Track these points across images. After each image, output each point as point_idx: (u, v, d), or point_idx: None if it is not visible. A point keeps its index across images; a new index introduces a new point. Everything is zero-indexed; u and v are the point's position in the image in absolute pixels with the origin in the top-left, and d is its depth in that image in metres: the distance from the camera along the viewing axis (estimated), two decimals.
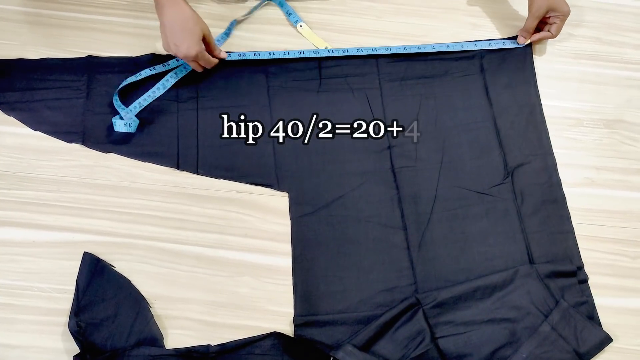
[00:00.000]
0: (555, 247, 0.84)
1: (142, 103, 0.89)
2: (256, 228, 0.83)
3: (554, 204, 0.87)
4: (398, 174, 0.88)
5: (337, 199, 0.86)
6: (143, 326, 0.75)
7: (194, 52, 0.86)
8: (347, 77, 0.95)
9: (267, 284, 0.80)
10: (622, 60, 1.00)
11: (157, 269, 0.80)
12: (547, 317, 0.77)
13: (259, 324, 0.78)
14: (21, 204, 0.83)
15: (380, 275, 0.81)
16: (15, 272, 0.78)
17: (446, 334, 0.77)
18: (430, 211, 0.86)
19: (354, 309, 0.79)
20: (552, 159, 0.91)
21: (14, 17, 0.96)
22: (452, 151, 0.90)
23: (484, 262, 0.83)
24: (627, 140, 0.93)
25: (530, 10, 0.95)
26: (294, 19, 0.99)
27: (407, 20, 1.02)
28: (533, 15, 0.95)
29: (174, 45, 0.85)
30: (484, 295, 0.79)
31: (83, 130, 0.88)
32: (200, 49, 0.87)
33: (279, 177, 0.87)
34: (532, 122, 0.93)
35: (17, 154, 0.86)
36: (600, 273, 0.83)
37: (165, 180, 0.86)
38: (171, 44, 0.85)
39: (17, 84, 0.90)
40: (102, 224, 0.82)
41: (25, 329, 0.75)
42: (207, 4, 1.01)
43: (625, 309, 0.81)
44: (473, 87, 0.96)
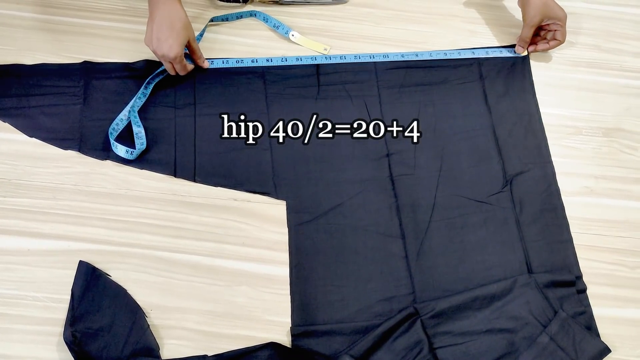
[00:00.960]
0: (554, 256, 0.84)
1: (138, 136, 0.87)
2: (253, 236, 0.83)
3: (553, 213, 0.87)
4: (396, 181, 0.88)
5: (335, 207, 0.85)
6: (139, 336, 0.75)
7: (174, 53, 0.85)
8: (346, 84, 0.94)
9: (265, 293, 0.80)
10: (621, 68, 1.00)
11: (154, 278, 0.79)
12: (545, 328, 0.77)
13: (256, 334, 0.77)
14: (16, 212, 0.82)
15: (379, 284, 0.81)
16: (9, 281, 0.77)
17: (444, 344, 0.76)
18: (428, 220, 0.85)
19: (352, 318, 0.79)
20: (551, 168, 0.90)
21: (10, 22, 0.96)
22: (451, 159, 0.90)
23: (482, 271, 0.82)
24: (625, 149, 0.93)
25: (525, 19, 0.95)
26: (284, 31, 0.98)
27: (406, 26, 1.01)
28: (528, 25, 0.95)
29: (157, 40, 0.84)
30: (482, 305, 0.79)
31: (79, 137, 0.87)
32: (179, 53, 0.86)
33: (277, 185, 0.87)
34: (531, 130, 0.93)
35: (12, 160, 0.85)
36: (598, 283, 0.83)
37: (161, 188, 0.85)
38: (154, 38, 0.85)
39: (12, 90, 0.90)
40: (97, 232, 0.81)
41: (20, 338, 0.74)
42: (203, 7, 1.00)
43: (624, 320, 0.81)
44: (472, 95, 0.95)
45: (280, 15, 1.00)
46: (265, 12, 1.01)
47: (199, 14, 1.00)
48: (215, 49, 0.97)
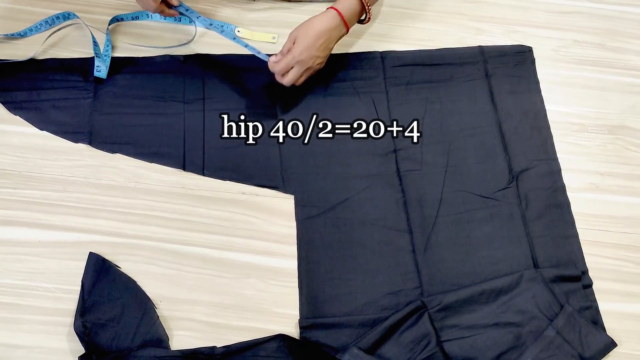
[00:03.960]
0: (560, 251, 0.84)
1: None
2: (262, 230, 0.84)
3: (559, 209, 0.88)
4: (404, 177, 0.88)
5: (343, 201, 0.86)
6: (148, 327, 0.75)
7: None
8: (354, 81, 0.95)
9: (273, 286, 0.80)
10: (625, 66, 1.01)
11: (163, 270, 0.80)
12: (552, 322, 0.77)
13: (264, 326, 0.77)
14: (27, 204, 0.82)
15: (386, 278, 0.82)
16: (20, 272, 0.78)
17: (451, 337, 0.77)
18: (435, 215, 0.86)
19: (359, 311, 0.79)
20: (557, 164, 0.91)
21: (21, 16, 0.96)
22: (457, 155, 0.91)
23: (488, 265, 0.83)
24: (630, 147, 0.94)
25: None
26: (230, 29, 0.97)
27: (413, 24, 1.02)
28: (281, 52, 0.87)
29: None
30: (489, 299, 0.79)
31: (90, 130, 0.88)
32: None
33: (285, 179, 0.87)
34: (537, 127, 0.94)
35: (23, 153, 0.86)
36: (604, 278, 0.83)
37: (171, 181, 0.86)
38: None
39: (23, 84, 0.90)
40: (107, 225, 0.82)
41: (31, 329, 0.75)
42: (214, 3, 1.01)
43: (630, 315, 0.81)
44: (478, 92, 0.96)
45: (288, 12, 1.01)
46: (275, 9, 1.01)
47: (210, 9, 1.01)
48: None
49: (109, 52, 0.93)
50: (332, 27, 0.86)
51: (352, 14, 0.88)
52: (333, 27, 0.86)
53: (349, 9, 0.87)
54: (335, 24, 0.86)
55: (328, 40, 0.86)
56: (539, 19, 1.05)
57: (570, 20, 1.05)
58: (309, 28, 0.85)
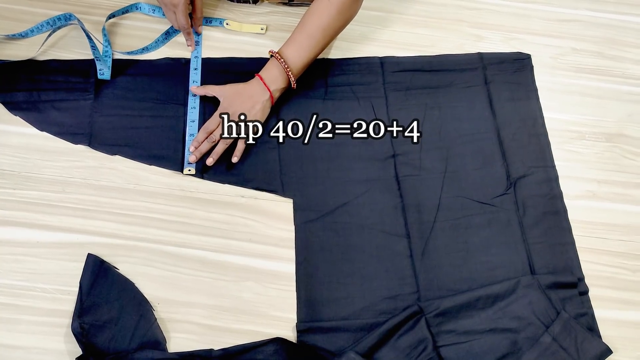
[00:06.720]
0: (556, 258, 0.85)
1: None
2: (260, 233, 0.84)
3: (555, 216, 0.88)
4: (402, 182, 0.89)
5: (342, 205, 0.86)
6: (146, 329, 0.75)
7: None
8: (353, 86, 0.96)
9: (271, 289, 0.80)
10: (623, 75, 1.02)
11: (161, 272, 0.80)
12: (548, 328, 0.78)
13: (261, 329, 0.78)
14: (25, 204, 0.82)
15: (384, 282, 0.82)
16: (18, 273, 0.78)
17: (448, 342, 0.77)
18: (433, 220, 0.86)
19: (357, 315, 0.79)
20: (554, 171, 0.92)
21: (22, 17, 0.97)
22: (456, 161, 0.91)
23: (486, 271, 0.83)
24: (628, 155, 0.95)
25: None
26: (218, 22, 0.99)
27: (414, 30, 1.03)
28: None
29: None
30: (485, 305, 0.80)
31: (90, 131, 0.88)
32: (185, 1, 0.90)
33: (284, 183, 0.87)
34: (535, 134, 0.94)
35: (22, 153, 0.86)
36: (600, 285, 0.84)
37: (170, 184, 0.86)
38: None
39: (24, 85, 0.90)
40: (106, 226, 0.82)
41: (28, 329, 0.75)
42: (213, 7, 1.01)
43: (625, 322, 0.82)
44: (477, 99, 0.97)
45: (289, 17, 1.02)
46: (276, 13, 1.02)
47: (211, 13, 1.01)
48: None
49: (109, 52, 0.93)
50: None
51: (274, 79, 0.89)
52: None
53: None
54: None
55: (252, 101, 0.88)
56: (538, 26, 1.06)
57: (569, 29, 1.06)
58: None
